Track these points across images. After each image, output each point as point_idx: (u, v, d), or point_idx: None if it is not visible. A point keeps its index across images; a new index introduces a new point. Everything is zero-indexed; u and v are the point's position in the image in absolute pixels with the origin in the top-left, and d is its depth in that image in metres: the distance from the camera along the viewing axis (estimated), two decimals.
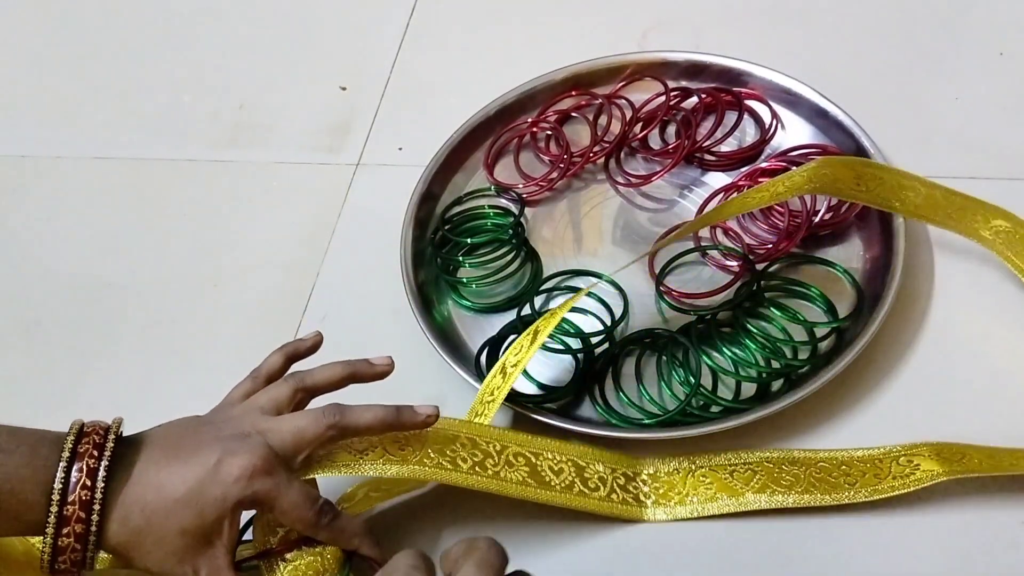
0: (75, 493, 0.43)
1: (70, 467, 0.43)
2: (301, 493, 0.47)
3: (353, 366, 0.53)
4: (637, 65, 0.73)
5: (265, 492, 0.46)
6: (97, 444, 0.44)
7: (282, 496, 0.46)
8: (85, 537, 0.43)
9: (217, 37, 0.92)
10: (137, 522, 0.44)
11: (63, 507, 0.43)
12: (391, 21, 0.88)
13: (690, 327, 0.60)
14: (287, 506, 0.47)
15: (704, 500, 0.52)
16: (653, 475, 0.54)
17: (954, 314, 0.59)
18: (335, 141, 0.79)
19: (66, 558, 0.44)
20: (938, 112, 0.70)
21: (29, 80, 0.92)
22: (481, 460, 0.51)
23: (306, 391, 0.51)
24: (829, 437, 0.55)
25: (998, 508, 0.51)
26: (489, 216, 0.68)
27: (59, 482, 0.43)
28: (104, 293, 0.72)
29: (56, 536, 0.43)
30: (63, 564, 0.44)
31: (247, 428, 0.47)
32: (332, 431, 0.48)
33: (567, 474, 0.53)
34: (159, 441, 0.47)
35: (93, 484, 0.43)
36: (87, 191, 0.81)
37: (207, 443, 0.46)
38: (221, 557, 0.46)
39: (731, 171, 0.68)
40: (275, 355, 0.54)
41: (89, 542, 0.44)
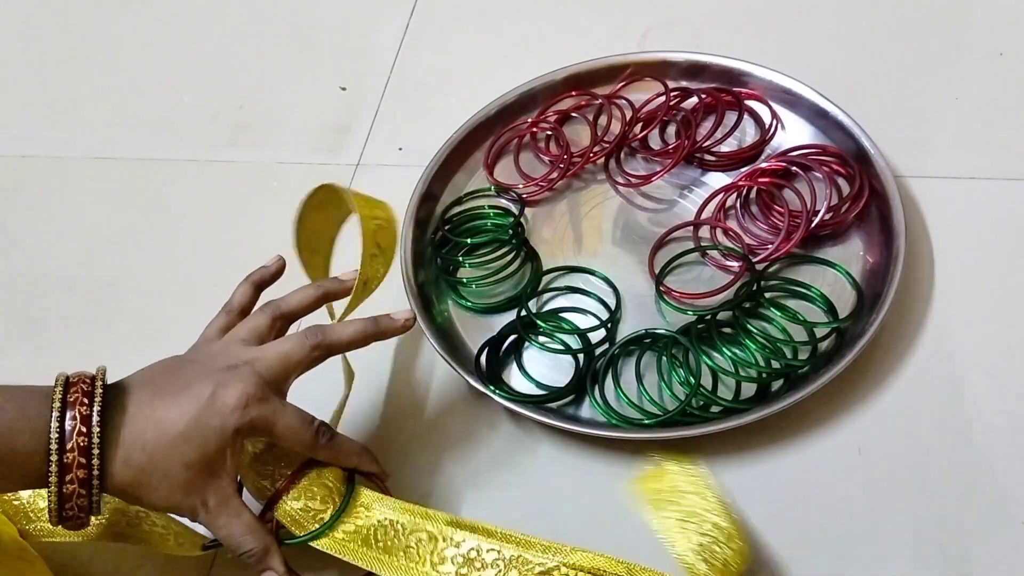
0: (72, 440, 0.43)
1: (63, 416, 0.44)
2: (296, 415, 0.49)
3: (323, 287, 0.55)
4: (637, 65, 0.73)
5: (262, 417, 0.47)
6: (86, 392, 0.45)
7: (279, 419, 0.48)
8: (88, 482, 0.44)
9: (217, 37, 0.92)
10: (139, 460, 0.45)
11: (62, 455, 0.43)
12: (391, 21, 0.88)
13: (690, 327, 0.60)
14: (285, 428, 0.48)
15: None
16: None
17: (954, 314, 0.59)
18: (335, 141, 0.79)
19: (72, 504, 0.44)
20: (938, 112, 0.70)
21: (29, 80, 0.92)
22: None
23: (283, 318, 0.53)
24: (829, 437, 0.55)
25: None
26: (489, 216, 0.68)
27: (55, 432, 0.43)
28: (104, 293, 0.72)
29: (60, 484, 0.43)
30: (70, 511, 0.44)
31: (233, 360, 0.48)
32: (317, 351, 0.50)
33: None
34: (146, 382, 0.47)
35: (88, 429, 0.44)
36: (87, 191, 0.81)
37: (197, 378, 0.47)
38: (227, 486, 0.47)
39: (731, 171, 0.68)
40: (243, 286, 0.55)
41: (93, 486, 0.44)
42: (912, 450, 0.54)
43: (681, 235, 0.66)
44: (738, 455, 0.56)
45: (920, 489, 0.53)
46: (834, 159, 0.65)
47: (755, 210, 0.65)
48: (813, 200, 0.63)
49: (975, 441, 0.54)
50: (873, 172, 0.63)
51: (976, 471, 0.53)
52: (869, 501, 0.53)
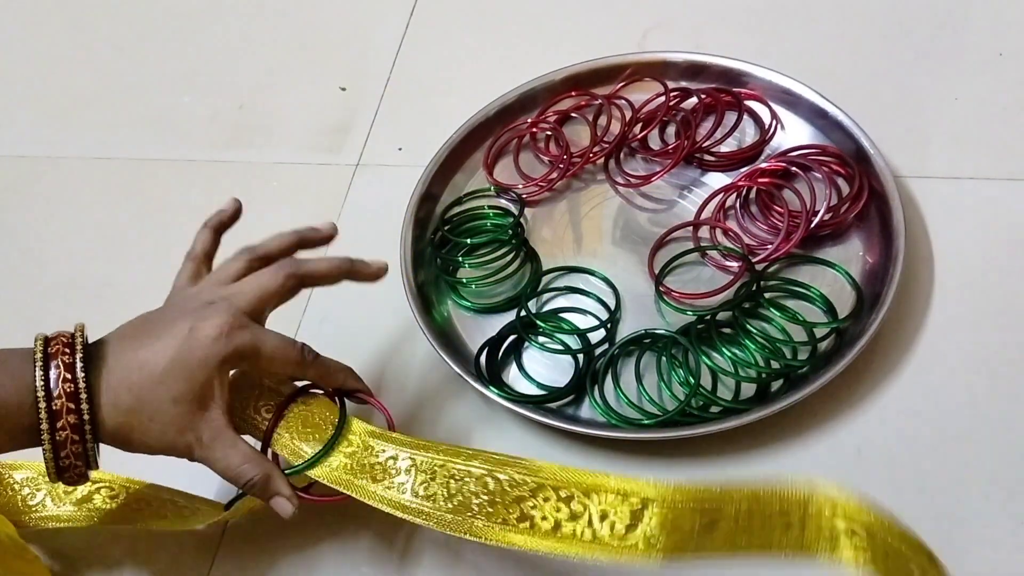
0: (59, 387, 0.44)
1: (47, 367, 0.44)
2: (279, 336, 0.49)
3: (300, 233, 0.55)
4: (637, 65, 0.73)
5: (246, 343, 0.47)
6: (66, 343, 0.45)
7: (264, 342, 0.48)
8: (80, 427, 0.44)
9: (217, 37, 0.92)
10: (128, 402, 0.45)
11: (50, 403, 0.43)
12: (391, 21, 0.88)
13: (690, 327, 0.60)
14: (271, 350, 0.48)
15: None
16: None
17: (954, 314, 0.59)
18: (335, 141, 0.79)
19: (68, 452, 0.44)
20: (938, 112, 0.70)
21: (29, 80, 0.92)
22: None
23: (259, 260, 0.53)
24: (829, 438, 0.55)
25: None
26: (489, 216, 0.68)
27: (39, 380, 0.43)
28: (104, 293, 0.72)
29: (52, 432, 0.43)
30: (66, 460, 0.44)
31: (210, 297, 0.49)
32: (292, 280, 0.51)
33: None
34: (125, 331, 0.48)
35: (74, 376, 0.44)
36: (87, 191, 0.81)
37: (175, 318, 0.48)
38: (219, 418, 0.47)
39: (731, 171, 0.68)
40: (202, 232, 0.56)
41: (86, 432, 0.44)
42: (912, 450, 0.54)
43: (681, 235, 0.66)
44: (738, 455, 0.56)
45: (920, 489, 0.53)
46: (834, 159, 0.65)
47: (755, 210, 0.65)
48: (813, 200, 0.63)
49: (975, 441, 0.54)
50: (873, 172, 0.63)
51: (976, 471, 0.53)
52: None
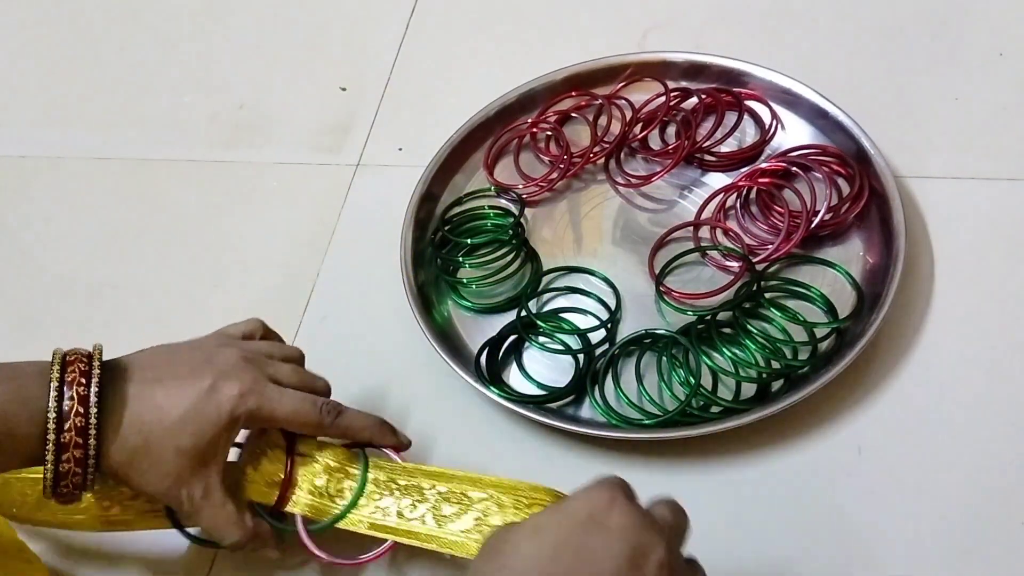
0: (70, 421, 0.43)
1: (61, 396, 0.44)
2: (297, 397, 0.49)
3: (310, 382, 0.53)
4: (637, 65, 0.73)
5: (261, 405, 0.48)
6: (83, 372, 0.45)
7: (280, 404, 0.48)
8: (84, 461, 0.44)
9: (217, 37, 0.92)
10: (135, 442, 0.45)
11: (60, 435, 0.43)
12: (391, 21, 0.88)
13: (690, 327, 0.60)
14: (288, 412, 0.49)
15: None
16: None
17: (954, 314, 0.59)
18: (335, 141, 0.79)
19: (68, 482, 0.44)
20: (938, 112, 0.70)
21: (29, 80, 0.92)
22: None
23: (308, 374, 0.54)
24: (829, 438, 0.55)
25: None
26: (489, 216, 0.68)
27: (52, 411, 0.43)
28: (104, 293, 0.72)
29: (56, 463, 0.44)
30: (65, 488, 0.45)
31: (245, 356, 0.49)
32: (329, 419, 0.50)
33: None
34: (146, 364, 0.48)
35: (86, 411, 0.44)
36: (87, 191, 0.81)
37: (201, 366, 0.48)
38: (214, 476, 0.48)
39: (731, 171, 0.68)
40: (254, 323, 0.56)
41: (89, 466, 0.44)
42: (912, 450, 0.54)
43: (681, 235, 0.66)
44: (738, 455, 0.56)
45: (920, 489, 0.53)
46: (834, 159, 0.65)
47: (755, 210, 0.65)
48: (813, 200, 0.63)
49: (975, 441, 0.54)
50: (873, 172, 0.63)
51: (976, 471, 0.53)
52: (869, 501, 0.53)
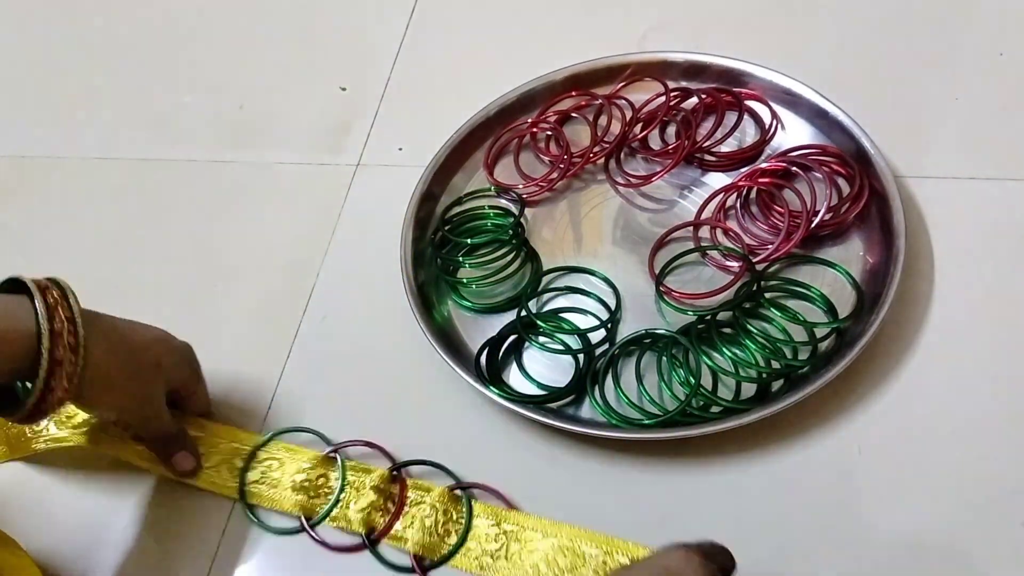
0: (63, 339, 0.48)
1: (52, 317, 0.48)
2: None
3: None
4: (637, 65, 0.73)
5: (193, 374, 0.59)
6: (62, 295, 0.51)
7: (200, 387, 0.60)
8: (73, 378, 0.48)
9: (217, 37, 0.92)
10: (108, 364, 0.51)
11: (53, 352, 0.47)
12: (391, 21, 0.88)
13: (690, 327, 0.60)
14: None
15: None
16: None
17: (954, 314, 0.59)
18: (335, 141, 0.79)
19: (51, 399, 0.47)
20: (938, 112, 0.70)
21: (29, 80, 0.92)
22: None
23: None
24: (829, 438, 0.55)
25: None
26: (489, 216, 0.68)
27: (45, 330, 0.47)
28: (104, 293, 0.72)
29: (48, 379, 0.47)
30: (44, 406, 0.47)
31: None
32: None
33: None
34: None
35: (76, 330, 0.49)
36: (87, 191, 0.81)
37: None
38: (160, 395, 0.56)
39: (731, 171, 0.68)
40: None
41: (74, 383, 0.48)
42: (912, 450, 0.54)
43: (681, 235, 0.66)
44: (738, 455, 0.56)
45: (920, 489, 0.53)
46: (834, 159, 0.65)
47: (755, 210, 0.65)
48: (813, 200, 0.63)
49: (975, 441, 0.54)
50: (873, 172, 0.63)
51: (976, 471, 0.53)
52: (869, 501, 0.53)
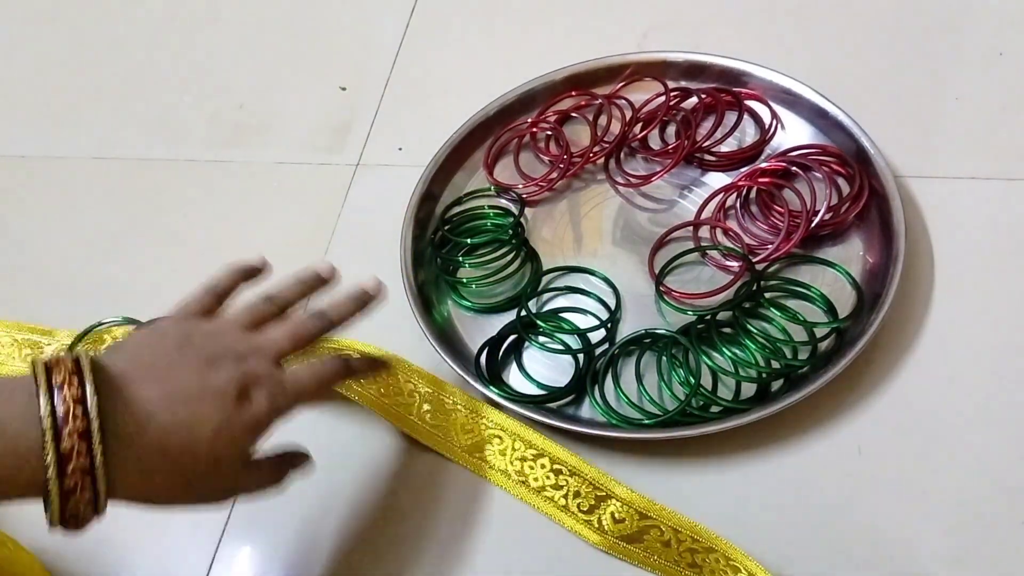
0: (69, 424, 0.38)
1: (52, 397, 0.38)
2: (308, 370, 0.48)
3: (305, 282, 0.52)
4: (637, 65, 0.73)
5: (288, 403, 0.46)
6: (73, 371, 0.39)
7: (302, 387, 0.47)
8: (91, 471, 0.38)
9: (217, 37, 0.92)
10: (154, 451, 0.41)
11: (58, 442, 0.38)
12: (391, 21, 0.88)
13: (690, 327, 0.60)
14: (314, 387, 0.47)
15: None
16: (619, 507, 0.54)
17: (954, 314, 0.59)
18: (335, 141, 0.79)
19: (77, 499, 0.38)
20: (938, 112, 0.70)
21: (29, 80, 0.92)
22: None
23: (279, 307, 0.51)
24: (829, 438, 0.55)
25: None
26: (489, 216, 0.68)
27: (46, 416, 0.38)
28: (104, 293, 0.72)
29: (60, 476, 0.38)
30: (74, 510, 0.39)
31: (243, 348, 0.46)
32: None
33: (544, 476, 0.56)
34: (139, 366, 0.43)
35: (85, 410, 0.38)
36: (87, 191, 0.81)
37: (204, 373, 0.43)
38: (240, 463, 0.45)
39: (731, 171, 0.68)
40: (227, 271, 0.52)
41: (96, 476, 0.38)
42: (912, 450, 0.54)
43: (681, 235, 0.66)
44: (738, 455, 0.56)
45: (920, 489, 0.53)
46: (834, 159, 0.65)
47: (755, 210, 0.65)
48: (813, 200, 0.63)
49: (975, 441, 0.54)
50: (873, 172, 0.63)
51: (976, 470, 0.53)
52: (869, 501, 0.53)
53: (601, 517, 0.53)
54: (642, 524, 0.53)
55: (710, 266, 0.64)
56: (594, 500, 0.54)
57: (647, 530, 0.53)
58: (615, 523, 0.53)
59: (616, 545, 0.53)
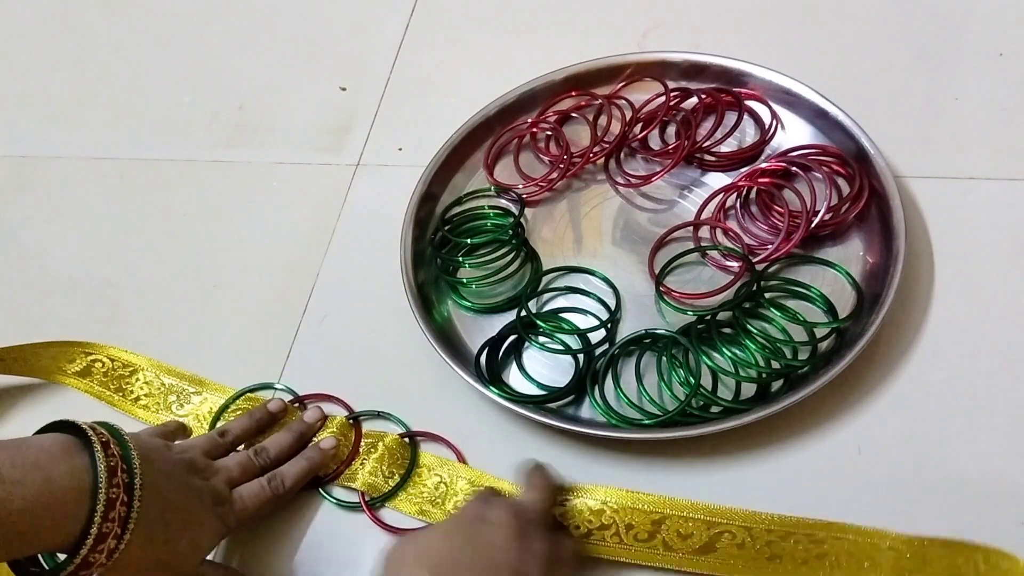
0: (117, 476, 0.45)
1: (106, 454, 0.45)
2: (250, 491, 0.54)
3: (256, 419, 0.60)
4: (637, 65, 0.73)
5: (237, 521, 0.53)
6: (109, 436, 0.47)
7: (245, 509, 0.53)
8: (125, 522, 0.45)
9: (217, 37, 0.92)
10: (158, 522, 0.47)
11: (109, 490, 0.44)
12: (391, 21, 0.88)
13: (690, 327, 0.60)
14: (253, 509, 0.54)
15: None
16: None
17: (954, 314, 0.59)
18: (335, 141, 0.79)
19: (101, 548, 0.44)
20: (938, 112, 0.70)
21: (29, 80, 0.92)
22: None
23: (231, 444, 0.58)
24: (829, 437, 0.55)
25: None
26: (489, 216, 0.68)
27: (103, 466, 0.44)
28: (104, 293, 0.72)
29: (102, 522, 0.44)
30: (93, 558, 0.44)
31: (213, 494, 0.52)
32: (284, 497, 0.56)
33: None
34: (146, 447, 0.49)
35: (130, 468, 0.46)
36: (87, 191, 0.81)
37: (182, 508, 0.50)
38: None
39: (731, 171, 0.68)
40: (244, 420, 0.60)
41: (128, 528, 0.45)
42: (912, 450, 0.54)
43: (681, 235, 0.66)
44: (738, 455, 0.56)
45: (921, 489, 0.53)
46: (834, 159, 0.65)
47: (755, 210, 0.65)
48: (813, 200, 0.63)
49: (975, 441, 0.54)
50: (873, 172, 0.63)
51: (976, 471, 0.53)
52: (869, 501, 0.53)
53: (665, 538, 0.51)
54: (711, 534, 0.51)
55: (710, 266, 0.64)
56: (651, 526, 0.52)
57: (718, 537, 0.51)
58: (682, 539, 0.51)
59: (687, 560, 0.51)
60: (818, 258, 0.62)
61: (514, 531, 0.46)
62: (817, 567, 0.50)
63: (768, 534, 0.51)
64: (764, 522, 0.51)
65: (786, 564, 0.50)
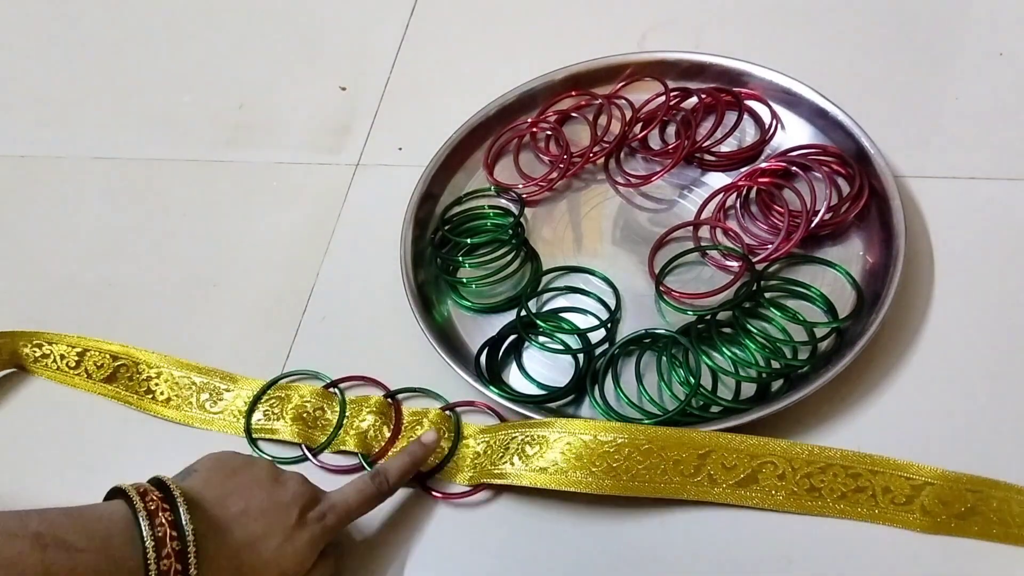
0: (167, 547, 0.44)
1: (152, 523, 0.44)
2: (352, 486, 0.52)
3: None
4: (637, 65, 0.73)
5: (339, 516, 0.51)
6: (163, 498, 0.46)
7: (347, 502, 0.51)
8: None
9: (217, 37, 0.92)
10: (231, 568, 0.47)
11: (159, 562, 0.44)
12: (391, 21, 0.88)
13: (690, 327, 0.60)
14: (356, 504, 0.52)
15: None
16: None
17: (954, 314, 0.59)
18: (335, 141, 0.79)
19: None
20: (938, 112, 0.70)
21: (29, 80, 0.92)
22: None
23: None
24: (829, 437, 0.55)
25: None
26: (489, 216, 0.68)
27: (149, 538, 0.44)
28: (104, 293, 0.72)
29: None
30: None
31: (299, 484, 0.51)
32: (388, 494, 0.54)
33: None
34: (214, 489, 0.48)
35: (181, 534, 0.45)
36: (87, 191, 0.81)
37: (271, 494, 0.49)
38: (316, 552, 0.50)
39: (731, 171, 0.68)
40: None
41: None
42: (912, 450, 0.54)
43: (681, 235, 0.66)
44: None
45: None
46: (834, 159, 0.65)
47: (755, 210, 0.65)
48: (813, 200, 0.63)
49: (976, 441, 0.54)
50: (873, 172, 0.63)
51: (976, 471, 0.53)
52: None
53: (710, 471, 0.52)
54: (754, 464, 0.53)
55: (710, 266, 0.64)
56: (697, 460, 0.53)
57: (760, 468, 0.52)
58: (726, 471, 0.52)
59: (729, 492, 0.52)
60: (818, 258, 0.62)
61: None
62: (855, 501, 0.52)
63: (808, 465, 0.52)
64: (804, 452, 0.53)
65: (825, 498, 0.52)
